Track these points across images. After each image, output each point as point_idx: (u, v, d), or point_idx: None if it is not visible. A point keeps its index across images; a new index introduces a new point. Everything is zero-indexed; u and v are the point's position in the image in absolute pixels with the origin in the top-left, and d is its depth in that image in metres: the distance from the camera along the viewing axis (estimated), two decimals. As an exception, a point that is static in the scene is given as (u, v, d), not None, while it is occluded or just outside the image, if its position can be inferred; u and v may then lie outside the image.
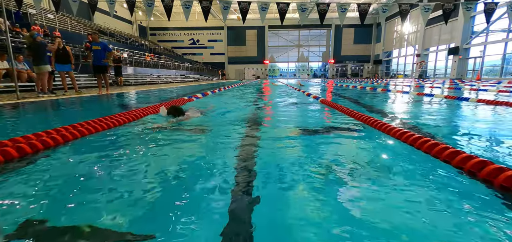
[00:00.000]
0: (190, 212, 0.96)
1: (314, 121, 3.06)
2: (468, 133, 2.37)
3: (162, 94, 7.68)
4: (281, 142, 2.02)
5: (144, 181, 1.26)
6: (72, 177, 1.32)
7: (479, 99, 4.68)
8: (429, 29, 25.00)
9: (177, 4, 9.64)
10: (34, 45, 6.19)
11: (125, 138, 2.16)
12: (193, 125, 2.59)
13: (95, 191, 1.14)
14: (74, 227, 0.86)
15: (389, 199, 1.08)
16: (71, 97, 6.18)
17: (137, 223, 0.89)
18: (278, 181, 1.25)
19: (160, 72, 20.74)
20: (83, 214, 0.95)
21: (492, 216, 0.93)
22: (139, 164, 1.50)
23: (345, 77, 37.55)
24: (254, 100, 5.44)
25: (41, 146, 1.74)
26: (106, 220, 0.90)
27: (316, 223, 0.90)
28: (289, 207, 1.01)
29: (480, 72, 19.94)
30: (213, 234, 0.83)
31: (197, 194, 1.12)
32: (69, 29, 16.67)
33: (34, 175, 1.35)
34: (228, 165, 1.47)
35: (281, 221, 0.92)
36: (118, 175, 1.33)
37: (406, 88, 9.24)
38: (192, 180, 1.27)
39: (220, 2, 9.55)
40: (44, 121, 3.36)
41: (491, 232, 0.84)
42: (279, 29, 38.17)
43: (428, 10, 9.81)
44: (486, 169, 1.23)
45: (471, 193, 1.13)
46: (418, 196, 1.09)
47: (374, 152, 1.77)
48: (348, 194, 1.11)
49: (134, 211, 0.97)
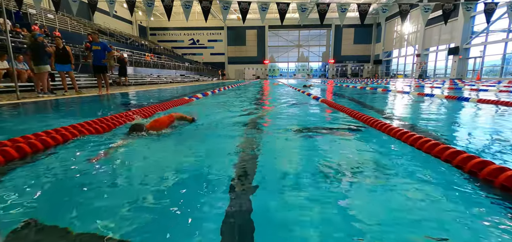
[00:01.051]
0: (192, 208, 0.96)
1: (314, 120, 3.06)
2: (468, 132, 2.37)
3: (161, 94, 7.68)
4: (281, 142, 2.02)
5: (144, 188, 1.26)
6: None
7: (479, 99, 4.68)
8: (429, 29, 25.00)
9: (177, 4, 9.64)
10: (34, 46, 6.18)
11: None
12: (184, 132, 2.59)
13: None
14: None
15: (388, 199, 1.08)
16: (71, 97, 6.18)
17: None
18: (278, 181, 1.25)
19: (160, 72, 20.73)
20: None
21: (492, 216, 0.93)
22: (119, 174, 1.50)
23: (345, 77, 37.54)
24: (255, 100, 5.44)
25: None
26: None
27: (315, 223, 0.90)
28: (288, 207, 1.01)
29: (480, 72, 19.94)
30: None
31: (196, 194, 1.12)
32: (69, 29, 16.67)
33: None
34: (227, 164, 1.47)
35: (281, 222, 0.92)
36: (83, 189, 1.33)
37: (406, 89, 9.24)
38: (190, 181, 1.27)
39: (220, 2, 9.55)
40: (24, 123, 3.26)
41: (489, 230, 0.84)
42: (279, 29, 38.16)
43: (428, 10, 9.81)
44: (486, 169, 1.23)
45: (469, 191, 1.13)
46: (418, 196, 1.09)
47: (375, 152, 1.77)
48: (348, 195, 1.11)
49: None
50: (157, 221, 0.90)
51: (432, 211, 0.97)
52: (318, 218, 0.93)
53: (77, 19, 20.30)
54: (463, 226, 0.88)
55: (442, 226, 0.87)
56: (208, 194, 1.10)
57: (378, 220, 0.91)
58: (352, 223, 0.89)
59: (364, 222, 0.89)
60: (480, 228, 0.87)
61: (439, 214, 0.95)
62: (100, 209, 0.99)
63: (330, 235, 0.83)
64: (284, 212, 0.97)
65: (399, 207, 1.01)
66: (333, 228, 0.87)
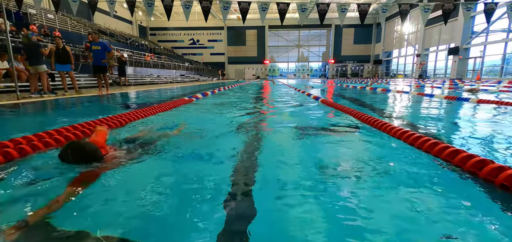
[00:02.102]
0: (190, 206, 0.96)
1: (314, 120, 3.06)
2: (468, 132, 2.37)
3: (161, 94, 7.68)
4: (282, 143, 2.02)
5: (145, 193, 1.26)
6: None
7: (479, 99, 4.68)
8: (429, 29, 24.98)
9: (177, 4, 9.64)
10: (28, 45, 6.20)
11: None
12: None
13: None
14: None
15: (389, 198, 1.08)
16: (71, 98, 6.17)
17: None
18: (277, 181, 1.25)
19: (160, 72, 20.74)
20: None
21: (491, 214, 0.93)
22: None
23: (345, 77, 37.53)
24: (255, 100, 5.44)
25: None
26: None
27: (315, 223, 0.90)
28: (288, 207, 1.01)
29: (480, 73, 19.93)
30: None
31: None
32: (69, 29, 16.66)
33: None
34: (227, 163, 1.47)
35: (280, 223, 0.92)
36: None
37: (406, 88, 9.24)
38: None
39: (220, 2, 9.54)
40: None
41: (490, 231, 0.84)
42: (279, 29, 38.15)
43: (428, 10, 9.81)
44: (486, 168, 1.23)
45: (468, 190, 1.13)
46: (418, 195, 1.09)
47: (375, 152, 1.77)
48: (349, 194, 1.11)
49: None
50: (156, 222, 0.90)
51: (432, 210, 0.97)
52: (318, 218, 0.93)
53: (77, 19, 20.30)
54: (462, 226, 0.87)
55: (442, 225, 0.87)
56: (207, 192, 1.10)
57: (378, 219, 0.90)
58: (352, 223, 0.89)
59: (364, 222, 0.89)
60: (487, 228, 0.86)
61: (440, 213, 0.95)
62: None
63: (330, 235, 0.83)
64: (283, 213, 0.97)
65: (399, 206, 1.01)
66: (333, 228, 0.87)
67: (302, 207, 1.00)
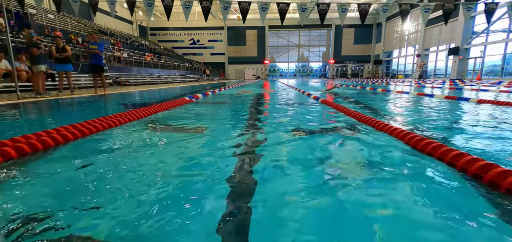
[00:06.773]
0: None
1: (314, 120, 3.06)
2: (468, 132, 2.37)
3: (161, 94, 7.67)
4: (282, 143, 2.02)
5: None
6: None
7: (480, 99, 4.67)
8: (429, 29, 25.00)
9: (177, 4, 9.66)
10: (31, 44, 6.22)
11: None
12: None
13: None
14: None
15: (389, 198, 1.07)
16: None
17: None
18: (277, 180, 1.25)
19: (160, 72, 20.76)
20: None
21: (489, 214, 0.93)
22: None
23: (345, 77, 37.55)
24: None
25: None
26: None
27: (315, 223, 0.90)
28: (288, 207, 1.01)
29: (480, 73, 19.93)
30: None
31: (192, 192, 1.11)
32: (69, 29, 16.70)
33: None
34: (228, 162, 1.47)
35: (279, 222, 0.91)
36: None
37: (407, 88, 9.23)
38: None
39: (220, 2, 9.55)
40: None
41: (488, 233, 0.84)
42: (279, 29, 38.19)
43: (428, 11, 9.81)
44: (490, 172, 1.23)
45: (468, 192, 1.13)
46: (417, 195, 1.09)
47: (375, 151, 1.77)
48: (348, 194, 1.11)
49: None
50: (157, 220, 0.90)
51: (432, 209, 0.97)
52: (317, 218, 0.93)
53: (77, 19, 20.34)
54: (461, 226, 0.87)
55: (442, 225, 0.87)
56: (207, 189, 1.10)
57: (378, 219, 0.90)
58: (352, 223, 0.89)
59: (364, 222, 0.89)
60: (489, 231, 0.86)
61: (439, 213, 0.95)
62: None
63: (329, 234, 0.83)
64: (283, 212, 0.97)
65: (399, 206, 1.00)
66: (332, 228, 0.86)
67: (301, 207, 1.00)
